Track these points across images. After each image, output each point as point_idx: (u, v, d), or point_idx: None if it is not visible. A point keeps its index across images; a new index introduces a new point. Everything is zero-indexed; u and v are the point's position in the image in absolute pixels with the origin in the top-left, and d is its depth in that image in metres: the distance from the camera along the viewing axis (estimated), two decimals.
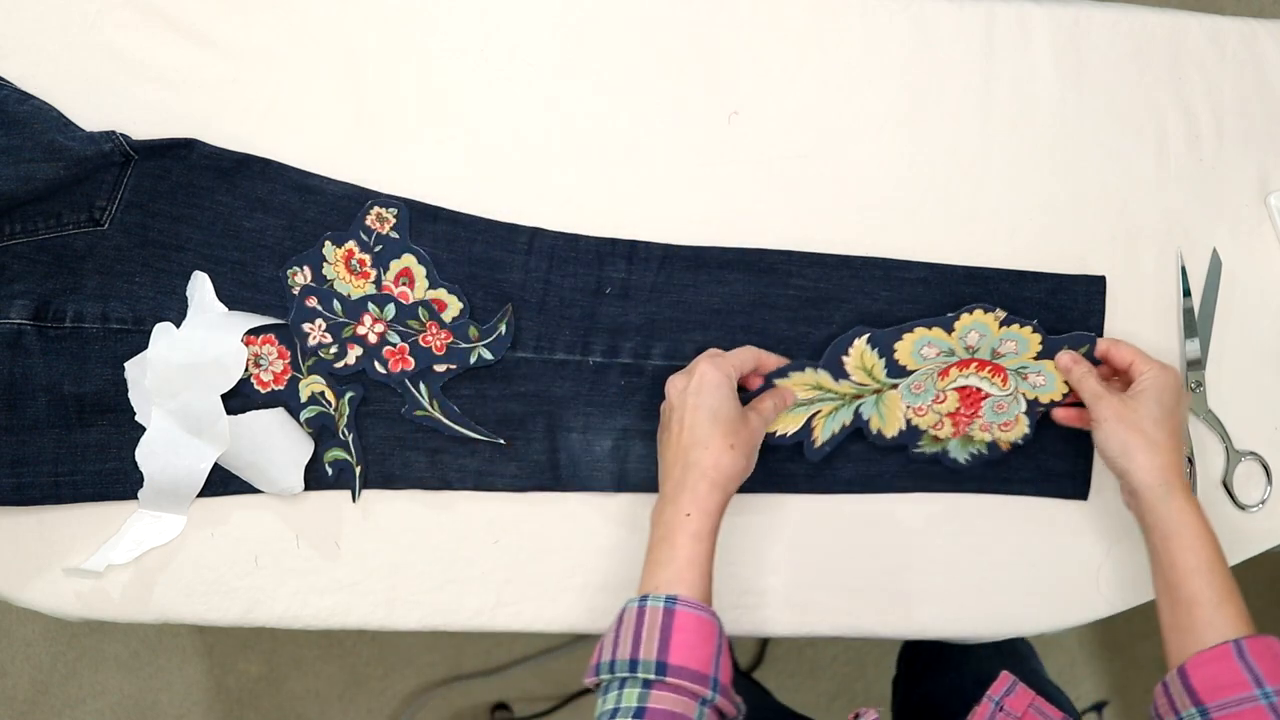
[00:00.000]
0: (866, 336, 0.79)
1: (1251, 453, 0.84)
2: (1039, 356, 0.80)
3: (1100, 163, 0.84)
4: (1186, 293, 0.84)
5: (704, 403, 0.70)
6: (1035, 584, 0.83)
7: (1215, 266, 0.84)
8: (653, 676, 0.63)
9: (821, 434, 0.79)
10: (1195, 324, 0.83)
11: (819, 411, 0.79)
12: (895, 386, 0.80)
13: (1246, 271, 0.85)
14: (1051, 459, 0.82)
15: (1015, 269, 0.82)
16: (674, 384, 0.73)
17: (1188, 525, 0.69)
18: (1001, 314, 0.80)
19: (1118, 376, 0.79)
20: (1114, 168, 0.84)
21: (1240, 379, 0.85)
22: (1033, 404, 0.81)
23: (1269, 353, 0.85)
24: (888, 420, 0.80)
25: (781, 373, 0.78)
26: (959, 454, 0.81)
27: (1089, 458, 0.82)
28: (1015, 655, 0.95)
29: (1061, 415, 0.80)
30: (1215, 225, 0.85)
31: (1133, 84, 0.84)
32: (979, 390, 0.80)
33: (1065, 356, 0.79)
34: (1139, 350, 0.77)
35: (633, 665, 0.64)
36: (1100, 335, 0.82)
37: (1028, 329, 0.80)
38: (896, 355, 0.80)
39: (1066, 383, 0.80)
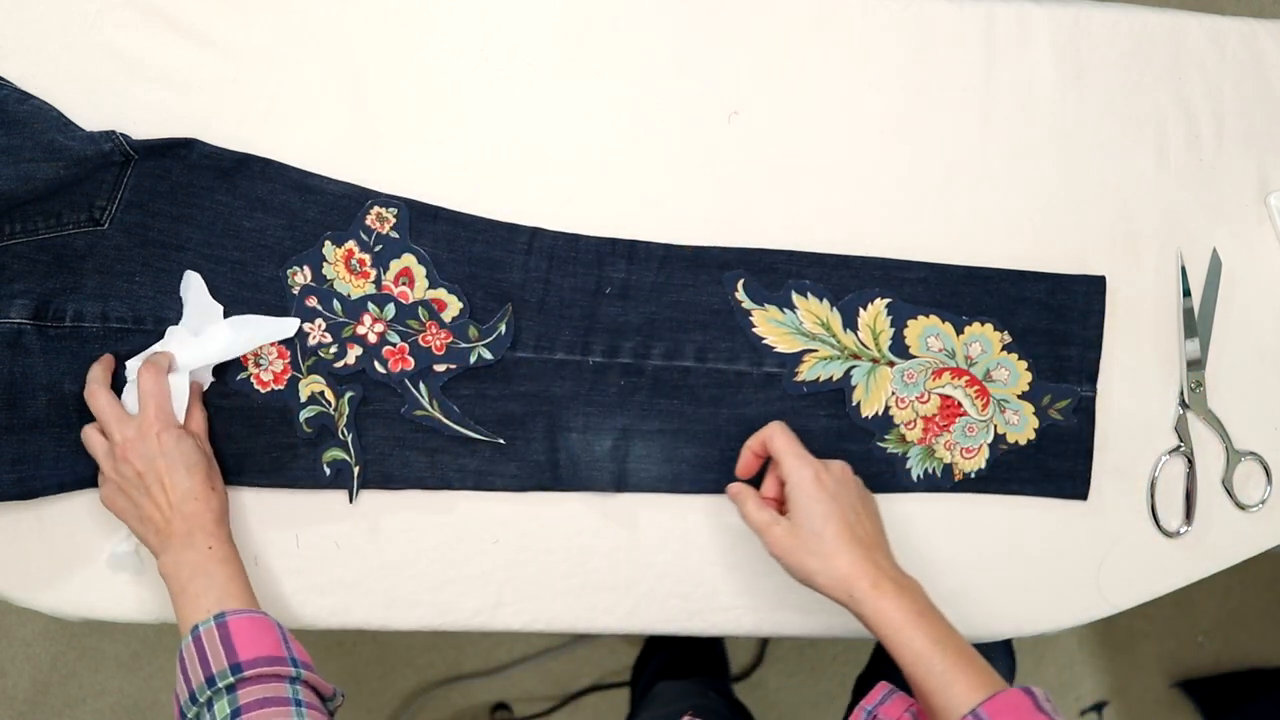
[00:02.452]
0: (888, 302, 0.80)
1: (1251, 453, 0.84)
2: (1024, 395, 0.81)
3: (1100, 163, 0.84)
4: (1186, 293, 0.84)
5: (175, 462, 0.71)
6: (1035, 584, 0.83)
7: (1215, 266, 0.84)
8: (232, 679, 0.64)
9: (806, 374, 0.80)
10: (1195, 324, 0.84)
11: (816, 351, 0.80)
12: (892, 365, 0.80)
13: (1246, 271, 0.85)
14: (1051, 459, 0.82)
15: (1015, 269, 0.82)
16: (133, 449, 0.71)
17: (889, 624, 0.67)
18: (1008, 338, 0.81)
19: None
20: (1114, 168, 0.84)
21: (1240, 379, 0.85)
22: (999, 439, 0.81)
23: (1269, 353, 0.85)
24: (871, 397, 0.80)
25: (801, 289, 0.79)
26: (916, 467, 0.81)
27: (1089, 458, 0.83)
28: None
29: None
30: (1215, 225, 0.85)
31: (1133, 84, 0.84)
32: (959, 406, 0.81)
33: (733, 487, 0.76)
34: (787, 444, 0.73)
35: (210, 682, 0.65)
36: (1100, 337, 0.82)
37: (1023, 364, 0.81)
38: (906, 332, 0.80)
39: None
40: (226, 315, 0.76)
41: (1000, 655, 1.09)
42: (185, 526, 0.71)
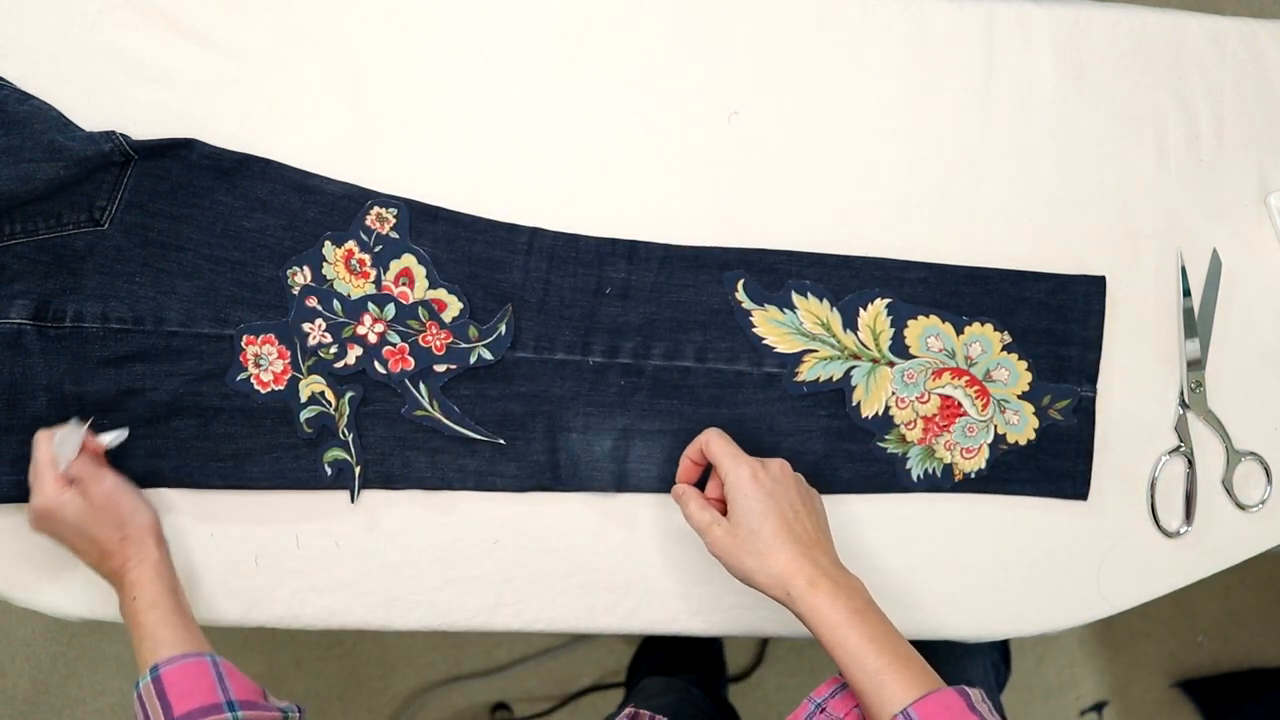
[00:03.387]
0: (888, 302, 0.80)
1: (1251, 453, 0.84)
2: (1024, 395, 0.81)
3: (1100, 163, 0.84)
4: (1186, 293, 0.84)
5: (73, 531, 0.71)
6: (1035, 584, 0.83)
7: (1215, 266, 0.84)
8: None
9: (806, 374, 0.80)
10: (1195, 324, 0.84)
11: (816, 352, 0.80)
12: (892, 365, 0.80)
13: (1246, 271, 0.85)
14: (1051, 459, 0.82)
15: (1015, 269, 0.82)
16: (39, 527, 0.72)
17: (823, 622, 0.66)
18: (1008, 338, 0.81)
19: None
20: (1114, 168, 0.84)
21: (1240, 379, 0.85)
22: (999, 439, 0.81)
23: (1269, 353, 0.85)
24: (871, 397, 0.80)
25: (801, 289, 0.79)
26: (916, 467, 0.81)
27: (1089, 458, 0.83)
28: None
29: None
30: (1215, 225, 0.85)
31: (1133, 84, 0.84)
32: (959, 406, 0.81)
33: (676, 488, 0.75)
34: (723, 446, 0.73)
35: None
36: (1100, 337, 0.82)
37: (1023, 364, 0.81)
38: (906, 332, 0.80)
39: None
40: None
41: (990, 655, 1.08)
42: (113, 582, 0.73)
